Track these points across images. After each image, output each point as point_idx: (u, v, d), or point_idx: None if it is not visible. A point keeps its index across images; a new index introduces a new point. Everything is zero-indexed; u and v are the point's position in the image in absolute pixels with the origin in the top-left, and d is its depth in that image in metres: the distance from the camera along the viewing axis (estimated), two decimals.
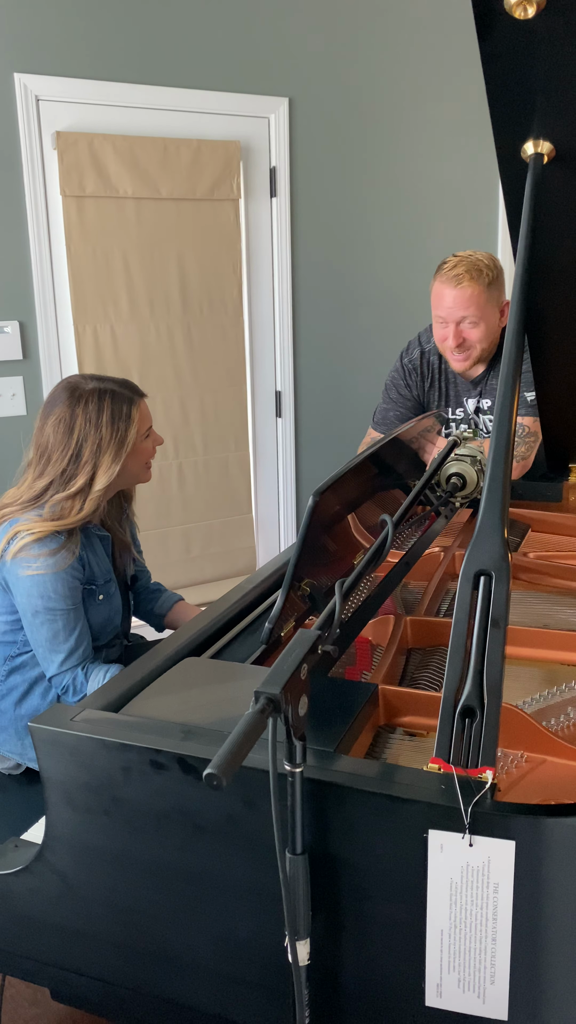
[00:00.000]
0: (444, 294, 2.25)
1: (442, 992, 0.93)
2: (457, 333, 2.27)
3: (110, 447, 1.72)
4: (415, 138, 3.51)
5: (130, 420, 1.74)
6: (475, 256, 2.25)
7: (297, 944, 0.93)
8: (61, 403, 1.74)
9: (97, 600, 1.80)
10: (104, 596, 1.82)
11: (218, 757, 0.75)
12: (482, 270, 2.22)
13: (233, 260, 3.23)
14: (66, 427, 1.72)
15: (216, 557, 3.44)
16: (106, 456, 1.72)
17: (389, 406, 2.55)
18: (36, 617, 1.70)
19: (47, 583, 1.68)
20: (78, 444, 1.71)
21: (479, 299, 2.22)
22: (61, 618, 1.70)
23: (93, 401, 1.72)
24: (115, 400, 1.73)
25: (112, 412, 1.72)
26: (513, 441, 1.16)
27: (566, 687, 1.36)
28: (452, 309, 2.25)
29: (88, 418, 1.71)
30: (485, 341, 2.29)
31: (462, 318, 2.25)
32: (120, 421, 1.73)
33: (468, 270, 2.21)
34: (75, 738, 1.05)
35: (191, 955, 1.06)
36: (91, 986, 1.15)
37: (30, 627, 1.72)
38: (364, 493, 1.60)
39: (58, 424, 1.72)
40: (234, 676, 1.24)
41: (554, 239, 1.56)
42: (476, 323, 2.25)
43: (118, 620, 1.89)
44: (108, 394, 1.73)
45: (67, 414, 1.72)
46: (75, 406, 1.72)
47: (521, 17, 1.15)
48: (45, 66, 2.79)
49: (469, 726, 0.95)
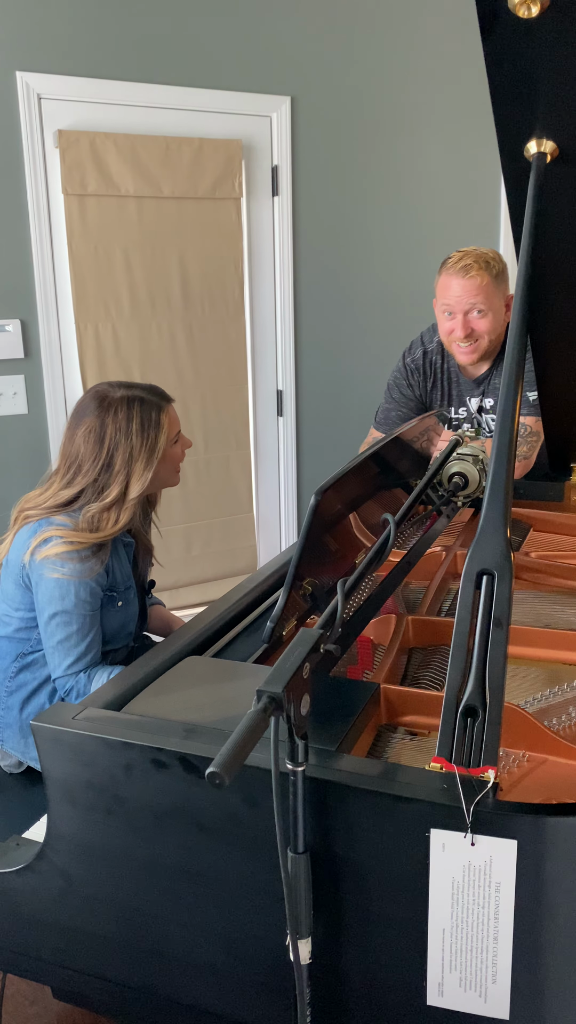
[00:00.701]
0: (452, 284, 2.25)
1: (444, 991, 0.93)
2: (465, 323, 2.27)
3: (142, 455, 1.71)
4: (417, 137, 3.51)
5: (160, 426, 1.73)
6: (480, 250, 2.27)
7: (299, 943, 0.93)
8: (90, 413, 1.73)
9: (116, 606, 1.80)
10: (123, 603, 1.81)
11: (220, 756, 0.75)
12: (489, 262, 2.24)
13: (235, 259, 3.23)
14: (96, 437, 1.71)
15: (217, 556, 3.44)
16: (138, 464, 1.71)
17: (391, 406, 2.55)
18: (53, 619, 1.69)
19: (70, 588, 1.68)
20: (109, 453, 1.71)
21: (487, 289, 2.23)
22: (77, 622, 1.70)
23: (123, 409, 1.71)
24: (144, 407, 1.73)
25: (142, 419, 1.72)
26: (515, 440, 1.15)
27: (568, 687, 1.36)
28: (461, 298, 2.25)
29: (118, 427, 1.70)
30: (492, 333, 2.29)
31: (471, 306, 2.25)
32: (150, 428, 1.72)
33: (476, 261, 2.23)
34: (77, 736, 1.05)
35: (193, 954, 1.06)
36: (92, 984, 1.15)
37: (45, 627, 1.71)
38: (366, 492, 1.60)
39: (88, 434, 1.72)
40: (236, 675, 1.24)
41: (557, 238, 1.55)
42: (484, 313, 2.25)
43: (132, 626, 1.89)
44: (137, 401, 1.73)
45: (97, 424, 1.71)
46: (104, 415, 1.71)
47: (525, 16, 1.15)
48: (47, 65, 2.79)
49: (471, 725, 0.95)
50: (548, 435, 2.25)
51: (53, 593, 1.68)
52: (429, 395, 2.51)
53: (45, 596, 1.69)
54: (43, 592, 1.69)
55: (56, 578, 1.67)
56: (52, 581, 1.68)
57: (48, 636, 1.71)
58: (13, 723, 1.81)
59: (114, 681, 1.22)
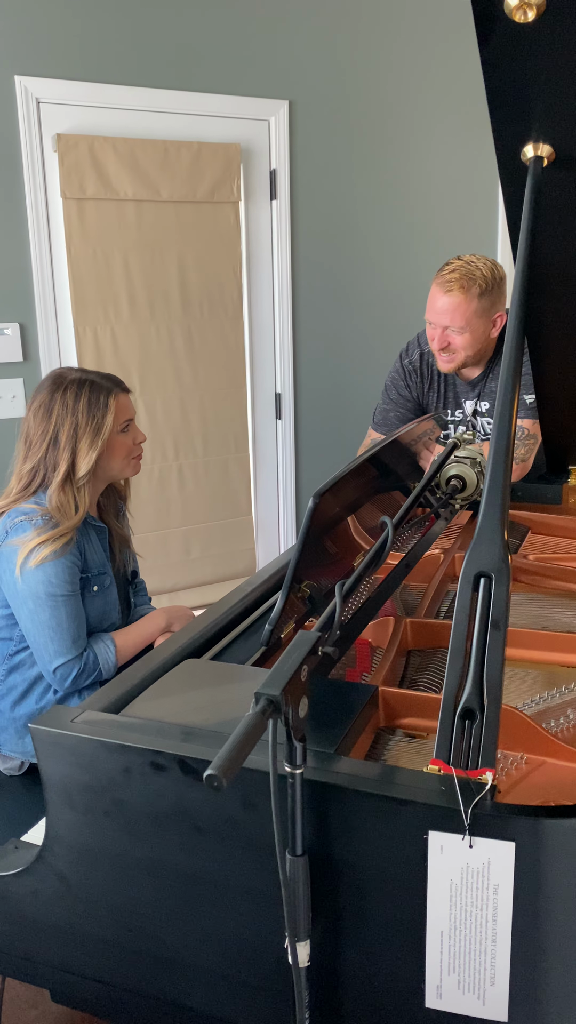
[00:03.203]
0: (434, 298, 2.27)
1: (442, 993, 0.93)
2: (442, 337, 2.28)
3: (86, 433, 1.76)
4: (415, 141, 3.51)
5: (107, 408, 1.78)
6: (475, 264, 2.23)
7: (297, 945, 0.93)
8: (44, 390, 1.80)
9: (92, 591, 1.82)
10: (99, 588, 1.83)
11: (218, 758, 0.75)
12: (476, 279, 2.21)
13: (233, 262, 3.23)
14: (45, 412, 1.78)
15: (216, 559, 3.44)
16: (83, 443, 1.76)
17: (389, 407, 2.55)
18: (39, 606, 1.71)
19: (50, 570, 1.71)
20: (55, 428, 1.76)
21: (464, 310, 2.22)
22: (63, 605, 1.72)
23: (72, 389, 1.77)
24: (93, 389, 1.78)
25: (89, 399, 1.77)
26: (513, 443, 1.16)
27: (566, 689, 1.36)
28: (439, 315, 2.26)
29: (65, 404, 1.76)
30: (470, 349, 2.29)
31: (446, 325, 2.26)
32: (96, 409, 1.77)
33: (460, 278, 2.21)
34: (76, 739, 1.05)
35: (191, 957, 1.06)
36: (91, 987, 1.15)
37: (32, 618, 1.72)
38: (364, 495, 1.60)
39: (38, 410, 1.79)
40: (234, 678, 1.24)
41: (554, 242, 1.56)
42: (460, 332, 2.26)
43: (115, 616, 1.90)
44: (88, 383, 1.78)
45: (47, 399, 1.78)
46: (55, 392, 1.78)
47: (521, 21, 1.15)
48: (46, 69, 2.79)
49: (469, 728, 0.95)
50: (546, 438, 2.26)
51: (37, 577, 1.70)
52: (425, 396, 2.52)
53: (25, 585, 1.70)
54: (24, 582, 1.70)
55: (34, 566, 1.69)
56: (30, 570, 1.69)
57: (37, 627, 1.72)
58: (8, 726, 1.82)
59: (113, 684, 1.22)
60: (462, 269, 2.23)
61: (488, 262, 2.27)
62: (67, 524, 1.73)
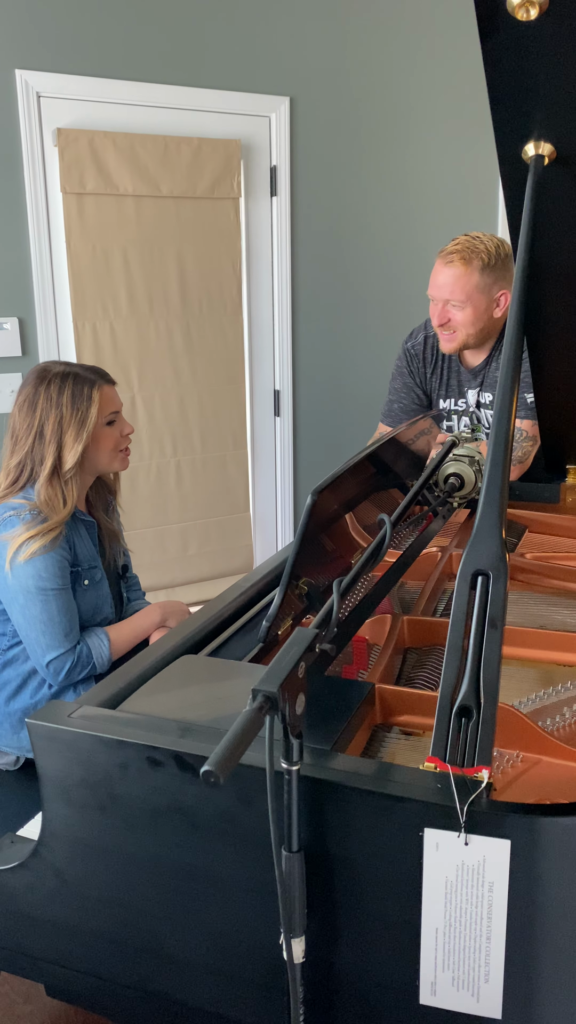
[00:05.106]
0: (436, 272, 2.24)
1: (436, 990, 0.93)
2: (442, 312, 2.25)
3: (71, 426, 1.76)
4: (416, 138, 3.51)
5: (91, 400, 1.78)
6: (479, 239, 2.20)
7: (292, 942, 0.93)
8: (28, 385, 1.79)
9: (83, 585, 1.82)
10: (89, 582, 1.83)
11: (215, 754, 0.75)
12: (478, 253, 2.17)
13: (233, 259, 3.23)
14: (30, 406, 1.78)
15: (213, 555, 3.44)
16: (68, 435, 1.76)
17: (393, 397, 2.53)
18: (30, 600, 1.71)
19: (40, 564, 1.71)
20: (40, 422, 1.76)
21: (464, 283, 2.18)
22: (54, 599, 1.72)
23: (56, 382, 1.77)
24: (77, 381, 1.78)
25: (73, 391, 1.77)
26: (511, 441, 1.16)
27: (562, 687, 1.36)
28: (439, 288, 2.23)
29: (49, 397, 1.76)
30: (471, 327, 2.24)
31: (446, 299, 2.23)
32: (81, 401, 1.77)
33: (462, 251, 2.18)
34: (72, 734, 1.05)
35: (186, 952, 1.06)
36: (86, 982, 1.15)
37: (23, 611, 1.72)
38: (362, 492, 1.60)
39: (23, 404, 1.79)
40: (231, 674, 1.24)
41: (554, 241, 1.56)
42: (461, 307, 2.22)
43: (107, 610, 1.90)
44: (72, 376, 1.78)
45: (32, 394, 1.78)
46: (39, 386, 1.78)
47: (524, 19, 1.15)
48: (46, 63, 2.79)
49: (465, 725, 0.95)
50: (544, 436, 2.25)
51: (27, 572, 1.70)
52: (429, 382, 2.48)
53: (16, 581, 1.70)
54: (14, 576, 1.71)
55: (23, 561, 1.69)
56: (20, 564, 1.69)
57: (28, 621, 1.72)
58: (3, 720, 1.82)
59: (109, 679, 1.22)
60: (465, 243, 2.20)
61: (494, 239, 2.23)
62: (56, 518, 1.73)
